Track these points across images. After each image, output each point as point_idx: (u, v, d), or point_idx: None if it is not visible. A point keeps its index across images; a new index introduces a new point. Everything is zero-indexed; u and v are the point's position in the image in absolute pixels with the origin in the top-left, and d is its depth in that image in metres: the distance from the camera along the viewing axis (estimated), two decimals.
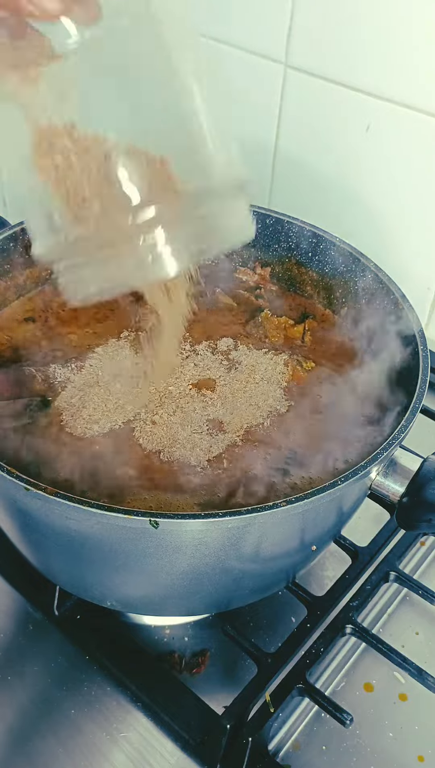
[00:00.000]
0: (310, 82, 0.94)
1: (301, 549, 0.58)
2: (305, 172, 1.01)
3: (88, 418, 0.61)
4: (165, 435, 0.60)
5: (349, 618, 0.65)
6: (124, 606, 0.62)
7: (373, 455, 0.52)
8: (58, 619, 0.65)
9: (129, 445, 0.59)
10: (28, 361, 0.67)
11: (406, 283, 0.69)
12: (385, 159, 0.92)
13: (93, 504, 0.46)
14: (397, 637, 0.67)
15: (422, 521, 0.55)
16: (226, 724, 0.57)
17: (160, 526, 0.46)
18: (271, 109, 1.00)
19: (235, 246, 0.48)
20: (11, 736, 0.58)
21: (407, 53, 0.84)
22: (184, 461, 0.58)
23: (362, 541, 0.72)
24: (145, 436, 0.60)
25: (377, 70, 0.87)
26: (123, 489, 0.56)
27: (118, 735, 0.59)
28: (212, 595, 0.59)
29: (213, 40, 1.02)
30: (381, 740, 0.60)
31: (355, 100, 0.91)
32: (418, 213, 0.92)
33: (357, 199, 0.97)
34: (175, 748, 0.58)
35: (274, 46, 0.95)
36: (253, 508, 0.47)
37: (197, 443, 0.60)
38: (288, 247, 0.77)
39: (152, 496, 0.56)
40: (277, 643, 0.64)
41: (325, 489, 0.49)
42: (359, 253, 0.72)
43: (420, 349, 0.61)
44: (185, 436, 0.60)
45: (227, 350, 0.69)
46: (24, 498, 0.50)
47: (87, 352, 0.68)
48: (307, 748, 0.60)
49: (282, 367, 0.68)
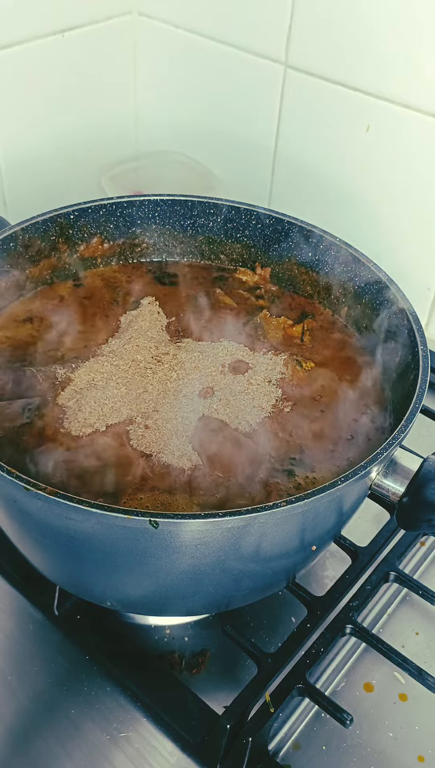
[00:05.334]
0: (310, 82, 0.94)
1: (301, 549, 0.58)
2: (305, 172, 1.01)
3: (83, 421, 0.61)
4: (159, 438, 0.60)
5: (349, 618, 0.65)
6: (124, 606, 0.62)
7: (373, 455, 0.52)
8: (59, 619, 0.65)
9: (127, 445, 0.59)
10: (28, 361, 0.67)
11: (405, 283, 0.69)
12: (385, 159, 0.92)
13: (93, 504, 0.46)
14: (397, 637, 0.67)
15: (422, 521, 0.55)
16: (226, 724, 0.57)
17: (160, 526, 0.46)
18: (271, 109, 1.00)
19: None
20: (11, 736, 0.58)
21: (407, 53, 0.84)
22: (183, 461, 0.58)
23: (362, 541, 0.72)
24: (139, 439, 0.59)
25: (377, 70, 0.87)
26: (120, 489, 0.56)
27: (118, 735, 0.59)
28: (212, 595, 0.58)
29: (213, 40, 1.02)
30: (381, 740, 0.60)
31: (355, 100, 0.91)
32: (418, 213, 0.92)
33: (357, 199, 0.97)
34: (175, 748, 0.58)
35: (274, 46, 0.95)
36: (253, 508, 0.47)
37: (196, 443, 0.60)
38: (288, 248, 0.77)
39: (149, 497, 0.56)
40: (277, 643, 0.64)
41: (324, 489, 0.49)
42: (359, 253, 0.72)
43: (420, 349, 0.61)
44: (185, 435, 0.60)
45: (227, 351, 0.69)
46: (24, 498, 0.50)
47: (86, 353, 0.68)
48: (307, 748, 0.60)
49: (281, 368, 0.68)
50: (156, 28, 1.08)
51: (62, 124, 1.08)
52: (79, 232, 0.77)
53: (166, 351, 0.68)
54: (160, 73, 1.13)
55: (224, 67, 1.03)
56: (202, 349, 0.69)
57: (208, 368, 0.66)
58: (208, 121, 1.10)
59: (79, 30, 1.02)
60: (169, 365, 0.66)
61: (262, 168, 1.06)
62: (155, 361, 0.67)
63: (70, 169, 1.12)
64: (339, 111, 0.93)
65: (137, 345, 0.68)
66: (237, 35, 0.99)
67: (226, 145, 1.10)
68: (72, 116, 1.09)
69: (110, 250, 0.79)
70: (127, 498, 0.55)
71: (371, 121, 0.91)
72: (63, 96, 1.06)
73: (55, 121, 1.07)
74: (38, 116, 1.04)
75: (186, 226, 0.80)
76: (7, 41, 0.95)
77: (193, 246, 0.81)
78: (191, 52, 1.06)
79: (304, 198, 1.03)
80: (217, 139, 1.10)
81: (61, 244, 0.76)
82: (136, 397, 0.63)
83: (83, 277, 0.78)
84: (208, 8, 1.00)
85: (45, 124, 1.06)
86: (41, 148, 1.07)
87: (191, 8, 1.02)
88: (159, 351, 0.68)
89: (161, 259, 0.82)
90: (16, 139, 1.03)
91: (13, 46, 0.96)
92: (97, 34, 1.06)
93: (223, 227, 0.79)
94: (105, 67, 1.10)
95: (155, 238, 0.80)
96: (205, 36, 1.03)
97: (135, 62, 1.14)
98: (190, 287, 0.78)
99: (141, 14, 1.09)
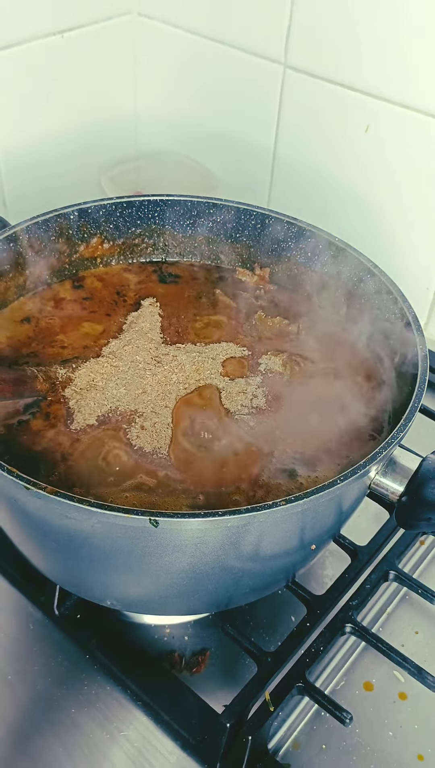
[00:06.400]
0: (309, 82, 0.94)
1: (301, 548, 0.58)
2: (305, 172, 1.01)
3: (83, 421, 0.61)
4: (156, 439, 0.60)
5: (349, 617, 0.65)
6: (124, 605, 0.62)
7: (373, 454, 0.52)
8: (59, 618, 0.65)
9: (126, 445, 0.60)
10: (28, 361, 0.67)
11: (405, 283, 0.69)
12: (385, 159, 0.92)
13: (93, 503, 0.46)
14: (397, 636, 0.68)
15: (421, 520, 0.55)
16: (226, 723, 0.57)
17: (160, 525, 0.46)
18: (270, 109, 1.00)
19: None
20: (12, 735, 0.58)
21: (407, 53, 0.84)
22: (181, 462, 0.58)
23: (362, 540, 0.72)
24: (136, 439, 0.60)
25: (377, 70, 0.87)
26: (117, 489, 0.56)
27: (118, 734, 0.59)
28: (212, 594, 0.59)
29: (213, 41, 1.02)
30: (380, 739, 0.61)
31: (355, 100, 0.91)
32: (418, 213, 0.92)
33: (356, 199, 0.97)
34: (175, 746, 0.58)
35: (273, 46, 0.95)
36: (253, 507, 0.47)
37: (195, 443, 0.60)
38: (287, 248, 0.77)
39: (146, 497, 0.56)
40: (277, 642, 0.64)
41: (324, 488, 0.49)
42: (359, 253, 0.72)
43: (419, 348, 0.61)
44: (184, 436, 0.60)
45: (226, 351, 0.69)
46: (24, 497, 0.50)
47: (86, 353, 0.68)
48: (306, 746, 0.60)
49: (280, 368, 0.68)
50: (156, 28, 1.09)
51: (62, 125, 1.08)
52: (79, 233, 0.77)
53: (166, 352, 0.68)
54: (160, 73, 1.13)
55: (224, 67, 1.03)
56: (201, 350, 0.69)
57: (207, 370, 0.66)
58: (208, 121, 1.10)
59: (78, 30, 1.03)
60: (168, 366, 0.66)
61: (261, 168, 1.06)
62: (155, 362, 0.67)
63: (70, 169, 1.12)
64: (338, 111, 0.93)
65: (137, 346, 0.68)
66: (236, 36, 0.99)
67: (225, 145, 1.10)
68: (72, 116, 1.09)
69: (110, 250, 0.80)
70: (124, 500, 0.55)
71: (371, 121, 0.91)
72: (63, 96, 1.06)
73: (55, 122, 1.07)
74: (38, 116, 1.04)
75: (186, 226, 0.80)
76: (7, 41, 0.95)
77: (193, 246, 0.81)
78: (191, 53, 1.06)
79: (304, 198, 1.03)
80: (217, 139, 1.10)
81: (61, 244, 0.76)
82: (135, 398, 0.63)
83: (83, 278, 0.78)
84: (208, 9, 1.00)
85: (45, 124, 1.06)
86: (41, 148, 1.07)
87: (191, 8, 1.03)
88: (159, 352, 0.68)
89: (161, 259, 0.82)
90: (16, 139, 1.03)
91: (13, 46, 0.96)
92: (96, 34, 1.06)
93: (222, 227, 0.79)
94: (105, 67, 1.10)
95: (155, 239, 0.81)
96: (205, 36, 1.03)
97: (135, 62, 1.14)
98: (190, 288, 0.78)
99: (141, 14, 1.09)
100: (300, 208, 0.83)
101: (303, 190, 1.03)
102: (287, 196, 1.06)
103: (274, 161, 1.04)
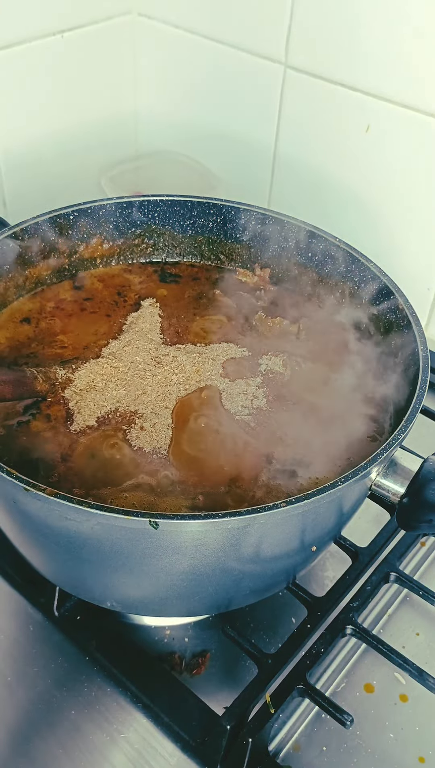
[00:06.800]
0: (309, 82, 0.94)
1: (301, 549, 0.58)
2: (305, 172, 1.01)
3: (83, 422, 0.61)
4: (155, 439, 0.60)
5: (350, 619, 0.65)
6: (124, 607, 0.62)
7: (373, 455, 0.52)
8: (59, 619, 0.65)
9: (125, 446, 0.59)
10: (28, 362, 0.67)
11: (406, 283, 0.69)
12: (385, 159, 0.92)
13: (93, 505, 0.46)
14: (398, 638, 0.67)
15: (422, 522, 0.55)
16: (227, 725, 0.57)
17: (160, 526, 0.46)
18: (270, 109, 1.00)
19: None
20: (11, 736, 0.58)
21: (407, 53, 0.84)
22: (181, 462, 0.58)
23: (362, 542, 0.72)
24: (135, 440, 0.60)
25: (377, 70, 0.87)
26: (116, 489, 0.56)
27: (118, 736, 0.59)
28: (212, 596, 0.58)
29: (213, 41, 1.02)
30: (381, 741, 0.60)
31: (356, 100, 0.91)
32: (418, 213, 0.92)
33: (357, 200, 0.97)
34: (175, 748, 0.58)
35: (273, 46, 0.95)
36: (253, 508, 0.47)
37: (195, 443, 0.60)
38: (287, 248, 0.77)
39: (145, 497, 0.56)
40: (278, 643, 0.64)
41: (324, 489, 0.49)
42: (359, 253, 0.71)
43: (420, 349, 0.61)
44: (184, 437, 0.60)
45: (226, 352, 0.69)
46: (24, 498, 0.50)
47: (86, 354, 0.68)
48: (307, 748, 0.60)
49: (280, 368, 0.68)
50: (156, 28, 1.08)
51: (62, 124, 1.08)
52: (79, 233, 0.77)
53: (166, 353, 0.68)
54: (160, 73, 1.13)
55: (224, 67, 1.03)
56: (201, 351, 0.69)
57: (207, 370, 0.66)
58: (208, 121, 1.10)
59: (78, 30, 1.02)
60: (168, 367, 0.66)
61: (261, 168, 1.06)
62: (155, 362, 0.67)
63: (70, 169, 1.12)
64: (339, 111, 0.93)
65: (137, 347, 0.68)
66: (237, 35, 0.99)
67: (225, 145, 1.10)
68: (72, 116, 1.09)
69: (110, 250, 0.79)
70: (123, 499, 0.55)
71: (371, 121, 0.90)
72: (63, 96, 1.06)
73: (55, 121, 1.07)
74: (38, 116, 1.04)
75: (186, 226, 0.80)
76: (7, 41, 0.95)
77: (193, 246, 0.81)
78: (191, 53, 1.06)
79: (304, 198, 1.03)
80: (217, 139, 1.10)
81: (61, 244, 0.76)
82: (135, 398, 0.63)
83: (83, 278, 0.78)
84: (208, 8, 1.00)
85: (45, 124, 1.06)
86: (41, 148, 1.07)
87: (191, 8, 1.02)
88: (158, 353, 0.68)
89: (161, 259, 0.82)
90: (16, 139, 1.03)
91: (13, 46, 0.96)
92: (96, 35, 1.06)
93: (222, 227, 0.79)
94: (105, 67, 1.10)
95: (155, 239, 0.80)
96: (205, 36, 1.03)
97: (135, 62, 1.14)
98: (190, 288, 0.78)
99: (141, 14, 1.09)
100: (300, 208, 0.83)
101: (303, 190, 1.03)
102: (287, 196, 1.06)
103: (274, 161, 1.04)
